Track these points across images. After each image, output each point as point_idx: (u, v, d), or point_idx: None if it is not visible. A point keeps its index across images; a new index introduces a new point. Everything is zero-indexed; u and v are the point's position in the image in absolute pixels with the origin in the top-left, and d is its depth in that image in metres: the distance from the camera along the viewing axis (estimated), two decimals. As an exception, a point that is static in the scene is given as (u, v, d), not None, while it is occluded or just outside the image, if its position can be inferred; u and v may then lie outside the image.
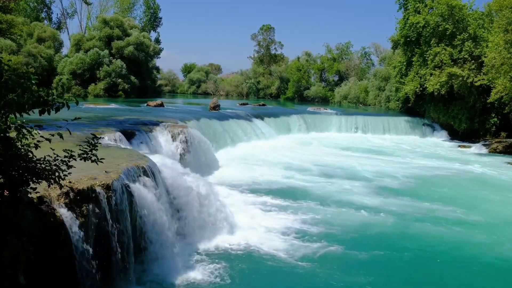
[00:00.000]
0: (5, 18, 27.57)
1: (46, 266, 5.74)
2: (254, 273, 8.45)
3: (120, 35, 50.92)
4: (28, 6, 61.25)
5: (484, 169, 20.55)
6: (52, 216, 5.90)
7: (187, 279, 7.88)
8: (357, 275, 8.47)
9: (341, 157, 22.21)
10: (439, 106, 32.73)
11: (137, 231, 7.81)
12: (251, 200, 13.22)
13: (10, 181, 4.86)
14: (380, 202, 13.75)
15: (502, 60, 25.23)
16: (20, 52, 44.95)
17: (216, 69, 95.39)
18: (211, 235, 9.79)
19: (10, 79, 4.59)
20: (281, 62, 74.52)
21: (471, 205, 13.83)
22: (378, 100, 50.47)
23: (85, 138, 11.02)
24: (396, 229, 11.34)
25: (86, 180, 6.83)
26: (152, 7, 70.34)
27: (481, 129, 30.84)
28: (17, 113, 4.75)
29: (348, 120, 33.87)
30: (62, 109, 4.91)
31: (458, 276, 8.88)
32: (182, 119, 19.64)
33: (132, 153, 10.31)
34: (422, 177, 18.14)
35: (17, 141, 4.91)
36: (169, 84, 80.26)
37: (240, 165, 18.46)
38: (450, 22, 30.48)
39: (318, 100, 63.19)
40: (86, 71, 47.53)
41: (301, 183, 15.92)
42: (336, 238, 10.31)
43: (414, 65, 33.17)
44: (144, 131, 15.41)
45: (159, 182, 8.91)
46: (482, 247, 10.29)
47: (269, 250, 9.37)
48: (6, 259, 4.90)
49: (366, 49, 66.47)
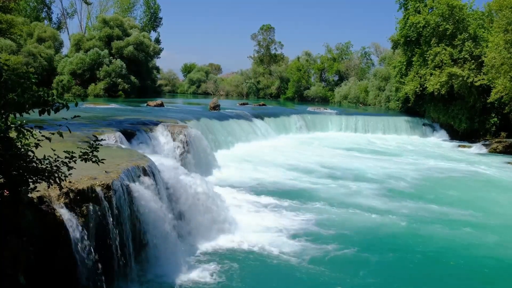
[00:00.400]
0: (5, 18, 27.56)
1: (46, 266, 5.74)
2: (255, 273, 8.43)
3: (120, 35, 50.92)
4: (28, 6, 61.27)
5: (490, 170, 20.39)
6: (52, 216, 5.90)
7: (188, 279, 7.87)
8: (364, 277, 8.36)
9: (339, 157, 22.21)
10: (439, 106, 32.72)
11: (137, 231, 7.81)
12: (251, 200, 13.21)
13: (10, 181, 4.85)
14: (387, 203, 13.61)
15: (502, 60, 25.22)
16: (20, 52, 44.93)
17: (216, 69, 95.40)
18: (211, 235, 9.79)
19: (9, 79, 4.59)
20: (281, 62, 74.52)
21: (480, 207, 13.61)
22: (378, 100, 50.47)
23: (85, 138, 11.04)
24: (406, 230, 11.18)
25: (86, 180, 6.83)
26: (152, 7, 70.34)
27: (481, 129, 30.82)
28: (17, 113, 4.75)
29: (348, 120, 33.86)
30: (62, 109, 4.90)
31: (471, 278, 8.76)
32: (182, 119, 19.63)
33: (132, 153, 10.31)
34: (427, 178, 18.01)
35: (17, 141, 4.90)
36: (169, 84, 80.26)
37: (240, 165, 18.45)
38: (451, 22, 30.46)
39: (318, 100, 63.19)
40: (86, 71, 47.52)
41: (301, 183, 15.91)
42: (339, 239, 10.26)
43: (414, 65, 33.15)
44: (144, 131, 15.40)
45: (159, 182, 8.91)
46: (494, 250, 10.15)
47: (269, 250, 9.35)
48: (6, 259, 4.89)
49: (366, 49, 66.58)
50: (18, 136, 4.84)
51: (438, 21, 30.59)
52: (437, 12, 30.88)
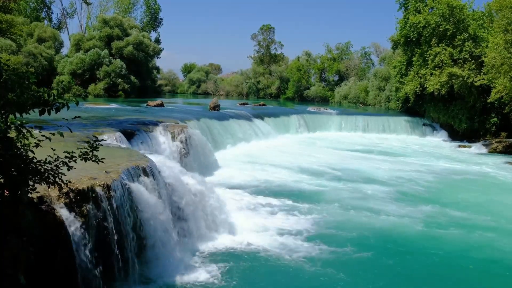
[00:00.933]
0: (5, 18, 27.56)
1: (46, 266, 5.74)
2: (255, 274, 8.42)
3: (120, 35, 50.91)
4: (28, 6, 61.27)
5: (494, 171, 20.24)
6: (52, 216, 5.90)
7: (188, 279, 7.86)
8: (374, 281, 8.25)
9: (340, 157, 22.19)
10: (439, 106, 32.72)
11: (137, 231, 7.80)
12: (252, 200, 13.19)
13: (10, 181, 4.85)
14: (396, 205, 13.43)
15: (502, 60, 25.22)
16: (20, 52, 44.93)
17: (216, 69, 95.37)
18: (211, 235, 9.79)
19: (9, 79, 4.58)
20: (281, 62, 74.55)
21: (490, 210, 13.39)
22: (378, 100, 50.47)
23: (85, 137, 11.03)
24: (420, 233, 11.01)
25: (86, 180, 6.82)
26: (152, 7, 70.33)
27: (481, 129, 30.81)
28: (17, 113, 4.74)
29: (348, 120, 33.88)
30: (62, 109, 4.90)
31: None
32: (182, 119, 19.62)
33: (132, 153, 10.31)
34: (433, 178, 17.87)
35: (17, 141, 4.90)
36: (169, 84, 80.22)
37: (240, 165, 18.44)
38: (451, 22, 30.45)
39: (318, 100, 63.20)
40: (86, 71, 47.51)
41: (302, 183, 15.88)
42: (340, 240, 10.23)
43: (414, 65, 33.15)
44: (144, 131, 15.40)
45: (159, 182, 8.90)
46: (509, 253, 9.97)
47: (270, 250, 9.34)
48: (6, 259, 4.89)
49: (366, 49, 66.65)
50: (18, 136, 4.84)
51: (438, 21, 30.58)
52: (437, 12, 30.88)
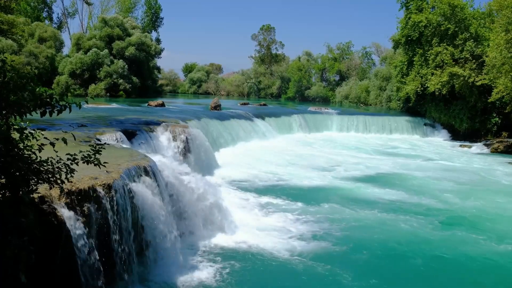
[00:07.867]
0: (6, 18, 27.59)
1: (48, 266, 5.75)
2: (255, 273, 8.42)
3: (121, 34, 50.92)
4: (29, 6, 61.28)
5: (496, 171, 20.12)
6: (53, 216, 5.91)
7: (189, 279, 7.87)
8: (378, 283, 8.20)
9: (341, 156, 22.20)
10: (440, 105, 32.71)
11: (139, 231, 7.82)
12: (253, 200, 13.20)
13: (11, 182, 4.87)
14: (397, 205, 13.35)
15: (503, 59, 25.20)
16: (21, 52, 44.97)
17: (217, 69, 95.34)
18: (212, 234, 9.80)
19: (12, 80, 4.59)
20: (282, 62, 74.56)
21: (491, 210, 13.27)
22: (379, 100, 50.45)
23: (86, 137, 11.05)
24: (420, 233, 10.91)
25: (87, 180, 6.84)
26: (153, 7, 70.35)
27: (482, 129, 30.80)
28: (19, 115, 4.76)
29: (349, 120, 33.88)
30: (64, 111, 4.92)
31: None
32: (183, 119, 19.62)
33: (133, 153, 10.32)
34: (432, 179, 17.83)
35: (20, 142, 4.91)
36: (170, 84, 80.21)
37: (241, 164, 18.45)
38: (452, 22, 30.44)
39: (319, 100, 63.18)
40: (87, 71, 47.51)
41: (303, 183, 15.88)
42: (341, 240, 10.21)
43: (415, 65, 33.14)
44: (145, 131, 15.40)
45: (160, 182, 8.91)
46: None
47: (270, 250, 9.34)
48: (7, 259, 4.91)
49: (367, 49, 66.60)
50: (21, 137, 4.85)
51: (439, 20, 30.57)
52: (438, 11, 30.88)
